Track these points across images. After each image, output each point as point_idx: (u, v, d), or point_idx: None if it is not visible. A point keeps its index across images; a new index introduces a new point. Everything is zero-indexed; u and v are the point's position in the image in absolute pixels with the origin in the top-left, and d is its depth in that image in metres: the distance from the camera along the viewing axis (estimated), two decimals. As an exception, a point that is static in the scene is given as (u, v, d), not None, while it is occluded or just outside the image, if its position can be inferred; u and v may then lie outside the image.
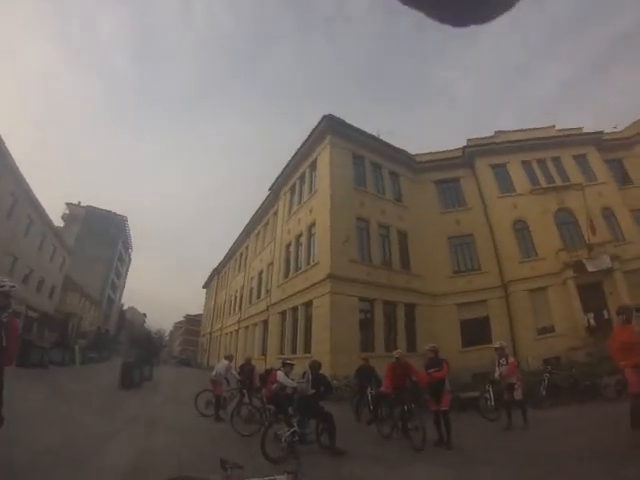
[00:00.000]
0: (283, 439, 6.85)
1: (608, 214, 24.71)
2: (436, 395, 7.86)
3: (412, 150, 26.27)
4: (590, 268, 21.30)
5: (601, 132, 27.50)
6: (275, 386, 8.39)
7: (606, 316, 20.52)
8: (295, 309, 20.92)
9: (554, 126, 27.80)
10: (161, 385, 19.57)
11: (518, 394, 9.01)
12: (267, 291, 25.98)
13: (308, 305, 19.61)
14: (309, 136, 22.63)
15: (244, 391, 10.76)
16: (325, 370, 15.04)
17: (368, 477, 6.20)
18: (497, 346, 9.67)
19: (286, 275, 23.14)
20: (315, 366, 8.06)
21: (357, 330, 17.90)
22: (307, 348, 18.58)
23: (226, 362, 11.82)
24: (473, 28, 0.70)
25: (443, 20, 0.68)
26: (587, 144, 26.91)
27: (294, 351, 19.80)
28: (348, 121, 22.58)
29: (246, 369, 11.76)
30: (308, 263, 20.81)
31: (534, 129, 27.24)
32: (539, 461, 6.20)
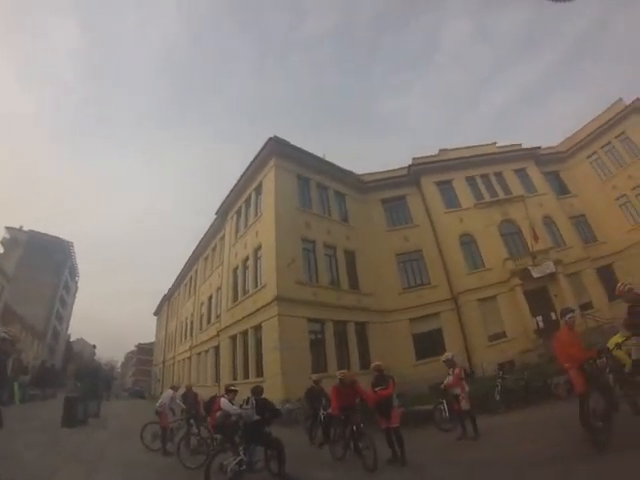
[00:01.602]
0: (229, 469, 6.69)
1: (549, 222, 26.65)
2: (385, 413, 7.84)
3: (359, 171, 27.33)
4: (535, 274, 22.92)
5: (538, 147, 29.73)
6: (219, 414, 8.10)
7: (554, 317, 21.83)
8: (245, 333, 20.89)
9: (495, 143, 29.60)
10: (110, 420, 18.65)
11: (464, 404, 9.07)
12: (217, 316, 25.86)
13: (257, 328, 19.66)
14: (254, 159, 22.89)
15: (191, 421, 10.47)
16: (277, 393, 15.51)
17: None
18: (443, 359, 9.82)
19: (235, 299, 23.13)
20: (258, 391, 7.91)
21: (308, 351, 18.05)
22: (259, 372, 18.58)
23: (171, 392, 11.50)
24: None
25: None
26: (526, 159, 29.02)
27: (246, 376, 19.74)
28: (295, 144, 23.05)
29: (189, 397, 11.62)
30: (256, 286, 20.85)
31: (476, 146, 28.92)
32: (492, 471, 6.34)
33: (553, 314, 22.06)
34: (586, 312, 22.21)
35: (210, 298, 28.97)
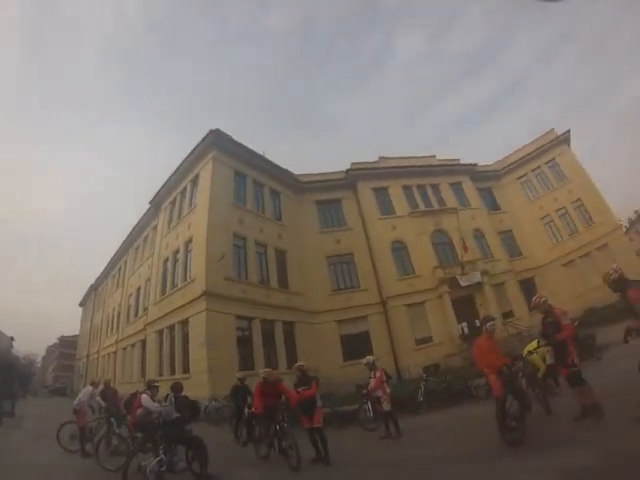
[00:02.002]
0: (148, 470, 6.47)
1: (479, 235, 28.49)
2: (308, 413, 7.88)
3: (298, 171, 27.57)
4: (463, 283, 24.47)
5: (475, 164, 31.73)
6: (140, 411, 7.78)
7: (478, 324, 22.89)
8: (172, 327, 20.36)
9: (435, 156, 31.02)
10: (25, 419, 17.81)
11: (385, 405, 9.26)
12: (145, 309, 25.11)
13: (185, 323, 19.27)
14: (193, 150, 22.52)
15: (111, 419, 9.89)
16: (204, 390, 15.51)
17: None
18: (365, 362, 9.93)
19: (163, 292, 22.57)
20: (177, 388, 7.77)
21: (235, 349, 17.89)
22: (186, 368, 18.31)
23: (90, 388, 10.97)
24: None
25: None
26: (462, 174, 30.83)
27: (173, 372, 19.30)
28: (237, 138, 23.09)
29: (108, 394, 10.86)
30: (185, 280, 20.51)
31: (416, 157, 30.22)
32: (413, 469, 6.49)
33: (477, 321, 23.30)
34: (507, 320, 24.09)
35: (139, 290, 28.13)
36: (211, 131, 21.51)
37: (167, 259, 23.00)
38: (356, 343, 22.46)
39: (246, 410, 10.33)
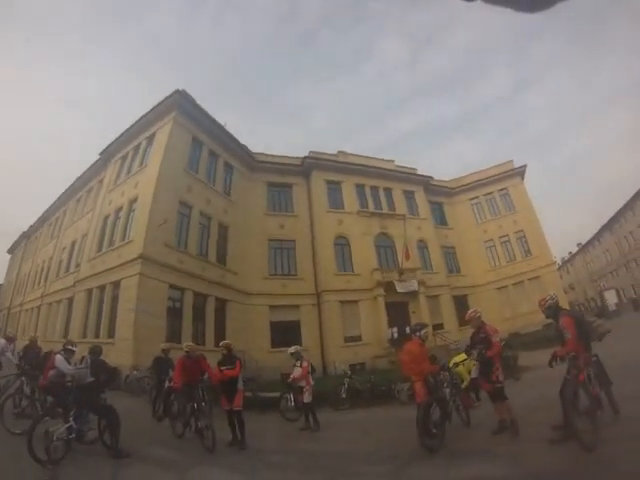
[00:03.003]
0: (55, 437, 6.18)
1: (422, 246, 30.53)
2: (229, 394, 7.95)
3: (255, 149, 28.14)
4: (399, 289, 26.05)
5: (431, 177, 33.97)
6: (52, 373, 7.43)
7: (407, 331, 24.36)
8: (103, 288, 20.05)
9: (394, 161, 32.74)
10: None
11: (307, 397, 9.44)
12: (77, 265, 24.61)
13: (116, 285, 19.03)
14: (155, 107, 22.15)
15: (23, 379, 9.47)
16: (127, 358, 15.61)
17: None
18: (292, 351, 10.14)
19: (99, 250, 22.08)
20: (96, 351, 7.48)
21: (164, 318, 17.84)
22: (111, 332, 18.10)
23: (2, 341, 10.87)
24: None
25: (518, 8, 0.78)
26: (417, 184, 32.87)
27: (97, 335, 18.97)
28: (201, 103, 23.14)
29: (30, 353, 10.25)
30: (123, 240, 20.28)
31: (375, 159, 31.74)
32: (328, 463, 6.71)
33: (408, 328, 24.68)
34: (437, 331, 25.78)
35: (74, 244, 27.19)
36: (176, 91, 21.43)
37: (108, 216, 22.65)
38: (286, 331, 23.18)
39: (166, 384, 10.18)
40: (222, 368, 8.18)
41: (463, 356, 9.40)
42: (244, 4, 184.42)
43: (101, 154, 26.15)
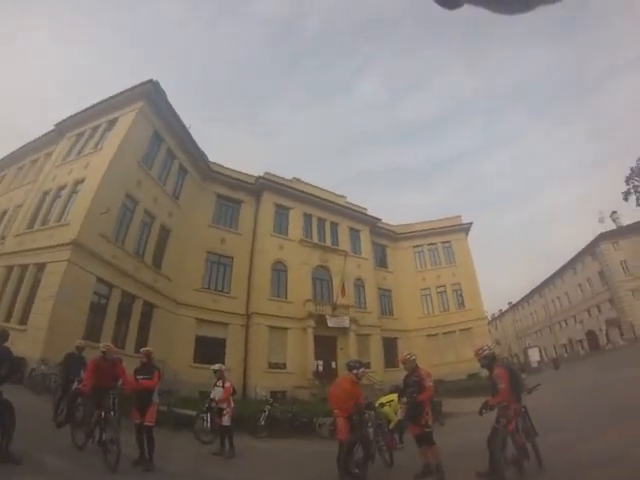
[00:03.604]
0: None
1: (359, 284, 31.77)
2: (141, 406, 7.47)
3: (213, 158, 28.78)
4: (330, 324, 26.76)
5: (379, 219, 35.78)
6: None
7: (333, 366, 26.24)
8: (25, 268, 18.65)
9: (345, 197, 34.32)
10: None
11: (226, 420, 9.28)
12: (2, 237, 23.12)
13: (41, 268, 17.86)
14: (124, 91, 21.98)
15: None
16: (37, 349, 14.74)
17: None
18: (216, 368, 10.04)
19: (31, 226, 20.76)
20: (2, 335, 6.67)
21: (86, 313, 17.15)
22: (25, 318, 16.74)
23: None
24: None
25: (502, 11, 0.82)
26: (365, 223, 34.58)
27: (9, 318, 17.34)
28: (172, 100, 23.49)
29: None
30: (58, 221, 19.33)
31: (327, 191, 33.05)
32: None
33: (334, 363, 26.41)
34: (364, 370, 25.52)
35: (4, 214, 25.19)
36: (149, 80, 21.58)
37: (48, 192, 21.56)
38: (211, 348, 23.24)
39: (74, 385, 9.37)
40: (138, 377, 7.69)
41: (390, 397, 9.97)
42: (241, 11, 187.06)
43: (57, 126, 24.76)
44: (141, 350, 8.43)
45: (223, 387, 9.63)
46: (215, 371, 9.96)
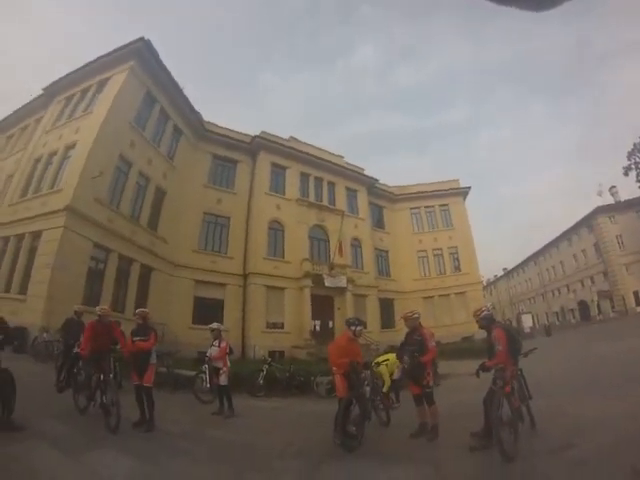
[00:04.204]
0: None
1: (356, 244, 32.16)
2: (140, 368, 7.52)
3: (207, 118, 28.44)
4: (327, 283, 27.19)
5: (376, 180, 35.83)
6: None
7: (330, 326, 26.80)
8: (21, 237, 18.72)
9: (343, 157, 34.13)
10: None
11: (223, 379, 9.31)
12: None
13: (37, 236, 17.89)
14: (114, 50, 21.41)
15: None
16: (37, 317, 15.01)
17: (38, 466, 5.26)
18: (213, 327, 10.01)
19: (24, 194, 20.74)
20: None
21: (84, 278, 17.31)
22: (24, 288, 16.93)
23: None
24: None
25: (523, 7, 0.84)
26: (362, 183, 34.68)
27: (8, 289, 17.66)
28: (164, 59, 22.95)
29: None
30: (51, 187, 19.26)
31: (324, 151, 32.89)
32: (238, 454, 6.52)
33: (331, 323, 27.02)
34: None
35: None
36: (141, 38, 21.09)
37: (40, 159, 21.37)
38: (209, 309, 23.53)
39: (75, 350, 9.57)
40: (135, 339, 7.71)
41: (386, 356, 9.99)
42: None
43: (45, 90, 24.20)
44: (136, 311, 8.47)
45: (219, 347, 9.68)
46: (212, 330, 9.97)
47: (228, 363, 9.64)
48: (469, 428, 6.37)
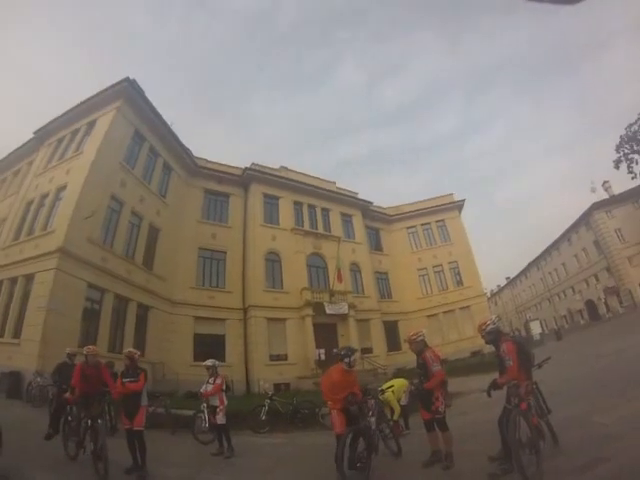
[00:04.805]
0: None
1: (355, 269, 32.06)
2: (130, 410, 7.23)
3: (197, 154, 28.74)
4: (329, 311, 27.05)
5: (371, 202, 36.08)
6: None
7: (335, 354, 24.67)
8: (14, 281, 18.61)
9: (335, 183, 34.54)
10: None
11: (220, 418, 9.00)
12: None
13: (30, 279, 17.81)
14: (101, 92, 21.75)
15: None
16: (32, 362, 14.72)
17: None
18: (209, 364, 9.65)
19: (16, 237, 20.69)
20: None
21: (79, 321, 17.06)
22: (17, 332, 16.82)
23: None
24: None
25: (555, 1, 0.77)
26: (356, 208, 34.81)
27: (2, 333, 17.46)
28: (150, 96, 23.43)
29: None
30: (44, 229, 19.21)
31: (316, 178, 33.29)
32: None
33: (335, 350, 25.54)
34: (366, 355, 26.88)
35: None
36: (126, 79, 21.39)
37: (32, 201, 21.40)
38: (210, 345, 23.08)
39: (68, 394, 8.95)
40: (124, 380, 7.38)
41: (391, 382, 9.50)
42: (216, 5, 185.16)
43: (36, 133, 24.51)
44: (124, 352, 8.09)
45: (214, 384, 9.39)
46: (208, 367, 9.62)
47: (225, 400, 9.36)
48: (486, 451, 6.07)
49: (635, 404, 7.25)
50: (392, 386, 9.12)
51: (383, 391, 9.00)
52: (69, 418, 8.14)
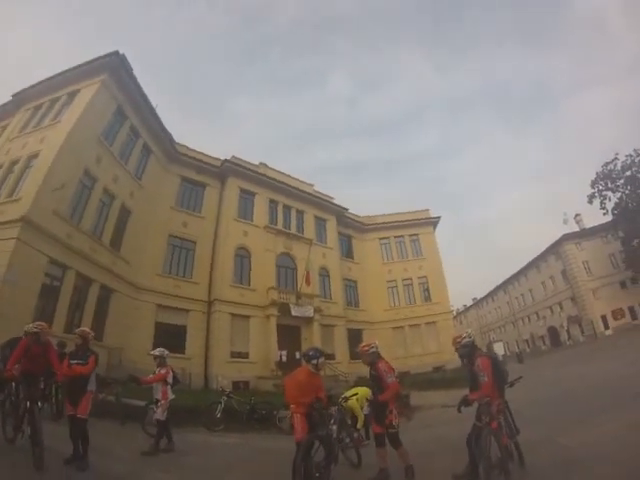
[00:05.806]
0: None
1: (324, 274, 32.27)
2: (74, 395, 6.66)
3: (179, 140, 28.48)
4: (294, 312, 27.19)
5: (346, 209, 36.56)
6: None
7: (297, 356, 25.76)
8: None
9: (313, 185, 34.93)
10: None
11: (159, 413, 8.57)
12: None
13: None
14: (87, 62, 21.08)
15: None
16: None
17: None
18: (156, 354, 9.22)
19: None
20: None
21: (36, 296, 16.30)
22: None
23: None
24: None
25: None
26: (331, 213, 35.15)
27: None
28: (138, 76, 22.90)
29: None
30: (10, 196, 18.11)
31: (295, 179, 33.55)
32: None
33: (298, 353, 26.08)
34: (328, 361, 26.01)
35: None
36: (115, 52, 20.96)
37: (1, 166, 20.06)
38: (171, 335, 22.88)
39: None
40: (72, 362, 6.76)
41: (354, 390, 9.30)
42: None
43: (14, 96, 23.42)
44: (76, 330, 7.43)
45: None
46: (155, 357, 9.13)
47: (170, 395, 8.81)
48: (449, 468, 5.98)
49: (600, 429, 7.34)
50: (356, 394, 8.91)
51: (347, 398, 8.86)
52: (12, 398, 7.47)
